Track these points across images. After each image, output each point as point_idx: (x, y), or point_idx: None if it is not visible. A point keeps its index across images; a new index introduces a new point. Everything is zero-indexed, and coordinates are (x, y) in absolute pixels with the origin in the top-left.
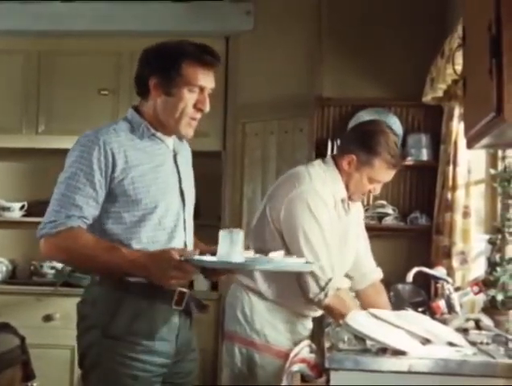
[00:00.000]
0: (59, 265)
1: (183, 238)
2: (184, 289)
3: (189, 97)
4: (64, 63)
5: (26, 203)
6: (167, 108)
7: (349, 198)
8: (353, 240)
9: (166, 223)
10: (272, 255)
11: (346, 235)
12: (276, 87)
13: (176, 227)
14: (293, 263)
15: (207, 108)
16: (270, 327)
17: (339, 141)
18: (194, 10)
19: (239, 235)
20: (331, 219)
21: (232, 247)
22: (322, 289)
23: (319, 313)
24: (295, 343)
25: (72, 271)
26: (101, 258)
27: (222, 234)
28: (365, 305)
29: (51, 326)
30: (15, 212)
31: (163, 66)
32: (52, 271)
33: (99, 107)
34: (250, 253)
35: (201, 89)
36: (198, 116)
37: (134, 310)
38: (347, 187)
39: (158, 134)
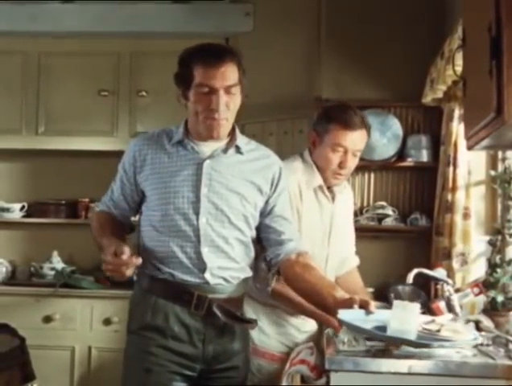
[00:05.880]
0: (59, 266)
1: (197, 248)
2: (206, 295)
3: (196, 100)
4: (63, 64)
5: (26, 204)
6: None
7: (329, 186)
8: (341, 227)
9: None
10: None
11: (331, 223)
12: (275, 88)
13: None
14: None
15: (216, 106)
16: (257, 330)
17: None
18: (193, 11)
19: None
20: (308, 208)
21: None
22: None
23: None
24: (288, 346)
25: (71, 272)
26: None
27: (396, 305)
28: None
29: (50, 327)
30: (15, 213)
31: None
32: (52, 272)
33: (99, 108)
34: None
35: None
36: (215, 115)
37: (151, 307)
38: (320, 171)
39: (187, 141)
